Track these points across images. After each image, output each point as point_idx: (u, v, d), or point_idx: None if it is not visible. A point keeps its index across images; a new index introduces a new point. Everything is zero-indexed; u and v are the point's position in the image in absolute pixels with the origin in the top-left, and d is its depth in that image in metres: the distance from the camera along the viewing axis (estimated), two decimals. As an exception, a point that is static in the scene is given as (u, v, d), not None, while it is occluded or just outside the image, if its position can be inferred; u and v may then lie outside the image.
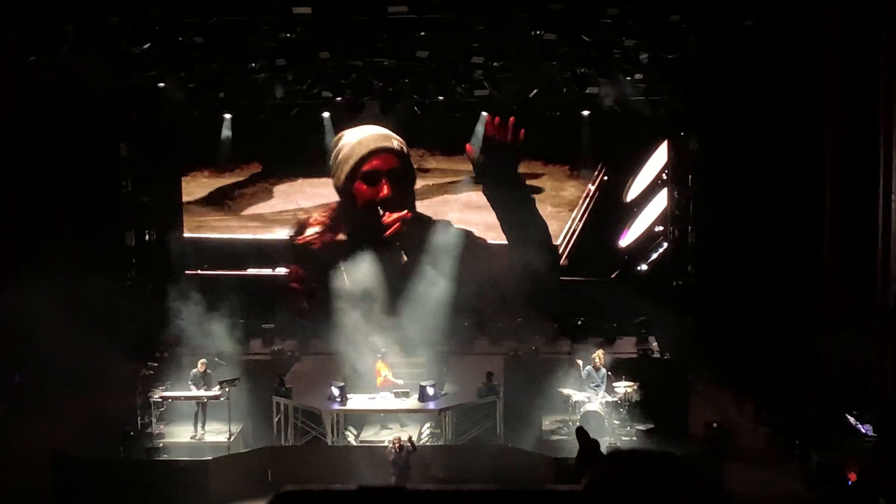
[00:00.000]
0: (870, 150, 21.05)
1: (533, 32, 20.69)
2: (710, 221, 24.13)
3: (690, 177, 24.29)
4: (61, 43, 20.84)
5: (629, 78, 22.02)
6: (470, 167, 25.37)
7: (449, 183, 25.73)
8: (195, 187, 25.96)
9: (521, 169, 25.30)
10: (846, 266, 22.19)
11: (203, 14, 20.66)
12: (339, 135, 24.91)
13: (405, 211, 25.20)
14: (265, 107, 23.48)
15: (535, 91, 22.60)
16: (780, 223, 23.52)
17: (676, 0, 20.30)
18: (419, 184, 25.66)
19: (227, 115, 23.90)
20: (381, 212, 25.07)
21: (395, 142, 24.93)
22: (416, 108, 23.28)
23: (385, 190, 24.98)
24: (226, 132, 24.61)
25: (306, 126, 24.51)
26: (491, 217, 25.38)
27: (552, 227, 25.46)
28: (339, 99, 22.99)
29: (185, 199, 25.87)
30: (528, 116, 23.69)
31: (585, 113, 23.28)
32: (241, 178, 25.86)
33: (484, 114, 23.94)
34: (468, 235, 25.31)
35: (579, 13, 20.37)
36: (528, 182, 25.39)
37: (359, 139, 24.92)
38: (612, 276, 25.35)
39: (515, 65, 21.84)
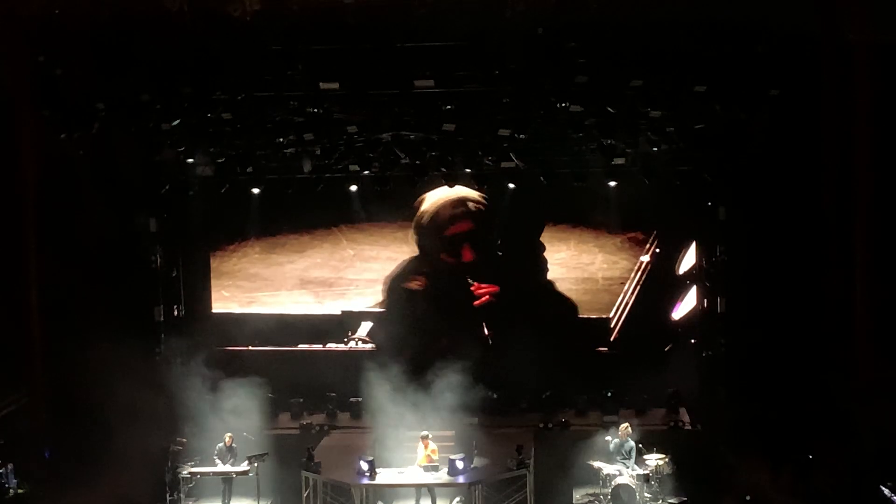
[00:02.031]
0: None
1: (559, 104, 20.79)
2: (740, 291, 23.96)
3: (719, 246, 24.18)
4: (92, 120, 21.10)
5: (655, 148, 22.04)
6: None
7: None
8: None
9: (573, 240, 25.30)
10: (880, 333, 22.05)
11: (232, 90, 20.89)
12: (421, 197, 25.13)
13: (495, 286, 25.33)
14: (293, 181, 23.59)
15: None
16: (810, 291, 23.38)
17: (701, 70, 20.39)
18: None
19: (256, 190, 24.03)
20: (471, 281, 25.32)
21: (471, 203, 25.06)
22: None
23: (468, 255, 25.22)
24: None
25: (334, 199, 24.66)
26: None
27: (604, 299, 25.33)
28: (366, 172, 23.10)
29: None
30: (555, 187, 23.67)
31: (612, 184, 23.29)
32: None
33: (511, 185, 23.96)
34: None
35: (604, 85, 20.47)
36: (577, 253, 25.37)
37: (436, 208, 25.15)
38: (666, 349, 25.12)
39: (542, 136, 21.93)
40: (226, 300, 25.95)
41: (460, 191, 24.68)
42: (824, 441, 21.76)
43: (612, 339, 25.36)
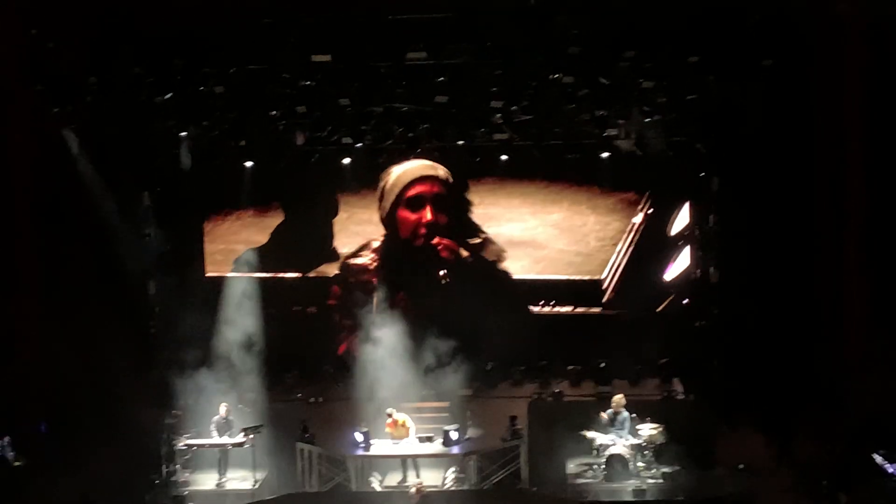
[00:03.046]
0: (893, 185, 21.09)
1: (551, 76, 20.78)
2: (733, 261, 24.02)
3: (711, 217, 24.22)
4: (84, 94, 21.05)
5: (648, 119, 22.03)
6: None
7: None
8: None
9: (566, 201, 25.33)
10: (872, 303, 22.13)
11: (224, 63, 20.84)
12: (388, 170, 25.20)
13: (455, 244, 25.57)
14: (286, 154, 23.57)
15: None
16: (803, 261, 23.44)
17: (694, 41, 20.37)
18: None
19: (248, 163, 24.01)
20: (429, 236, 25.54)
21: (441, 171, 25.16)
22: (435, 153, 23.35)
23: (429, 214, 25.36)
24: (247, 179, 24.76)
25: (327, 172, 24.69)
26: (539, 252, 25.50)
27: (596, 260, 25.36)
28: (359, 145, 23.09)
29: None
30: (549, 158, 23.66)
31: (605, 155, 23.27)
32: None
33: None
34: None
35: (597, 56, 20.45)
36: (570, 215, 25.41)
37: (404, 170, 25.24)
38: (658, 309, 25.20)
39: (534, 108, 21.92)
40: (219, 263, 25.97)
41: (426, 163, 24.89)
42: (816, 411, 21.88)
43: (605, 300, 25.45)
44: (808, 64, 21.89)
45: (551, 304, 25.45)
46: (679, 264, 25.18)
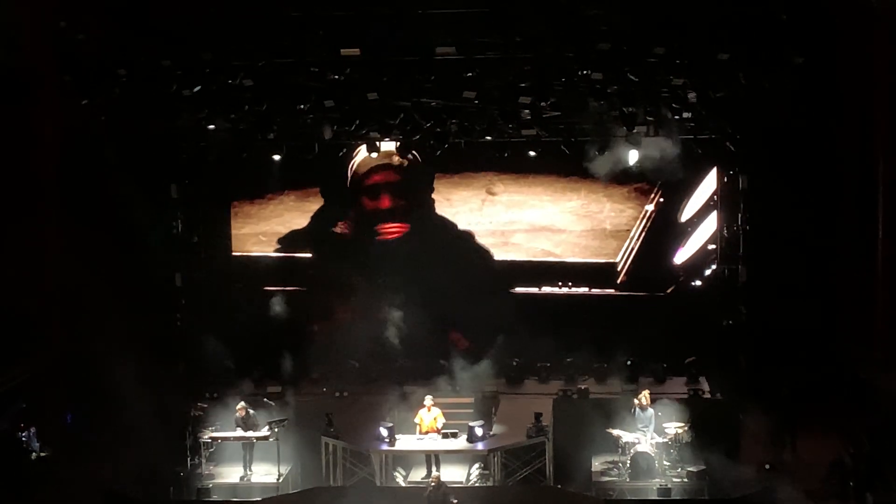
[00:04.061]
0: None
1: (580, 71, 20.68)
2: (762, 259, 23.91)
3: (740, 214, 24.10)
4: (113, 86, 21.11)
5: (677, 116, 21.93)
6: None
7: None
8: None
9: (582, 189, 25.63)
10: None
11: (252, 57, 20.83)
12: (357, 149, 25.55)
13: (405, 224, 26.13)
14: (314, 147, 23.58)
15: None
16: (831, 260, 23.33)
17: (724, 38, 20.24)
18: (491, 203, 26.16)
19: (277, 157, 24.02)
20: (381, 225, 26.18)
21: (395, 158, 25.32)
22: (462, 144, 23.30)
23: (386, 202, 25.92)
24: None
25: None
26: (558, 237, 25.81)
27: (611, 245, 25.74)
28: (387, 139, 23.06)
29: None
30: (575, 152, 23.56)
31: (633, 153, 23.17)
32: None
33: None
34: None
35: (626, 52, 20.34)
36: (588, 202, 25.82)
37: (363, 158, 25.51)
38: (668, 291, 25.39)
39: (563, 104, 21.83)
40: (263, 244, 26.27)
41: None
42: (843, 410, 21.78)
43: (619, 281, 25.78)
44: (837, 60, 21.78)
45: (568, 284, 25.78)
46: (688, 249, 25.54)
